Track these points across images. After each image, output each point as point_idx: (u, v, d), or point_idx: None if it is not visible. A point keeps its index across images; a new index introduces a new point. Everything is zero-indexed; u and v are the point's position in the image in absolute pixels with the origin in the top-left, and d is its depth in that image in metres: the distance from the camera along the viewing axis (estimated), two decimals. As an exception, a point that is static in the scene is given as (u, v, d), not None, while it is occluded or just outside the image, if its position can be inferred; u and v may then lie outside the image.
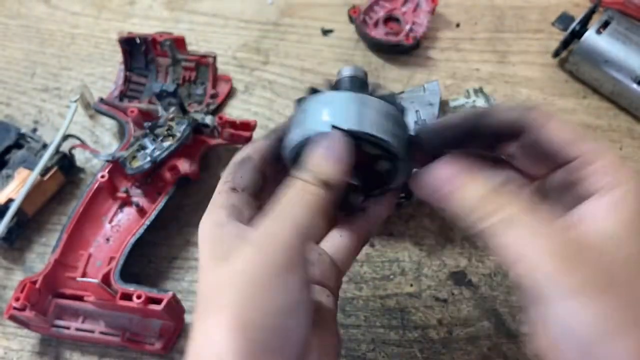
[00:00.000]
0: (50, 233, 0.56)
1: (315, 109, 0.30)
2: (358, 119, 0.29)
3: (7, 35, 0.71)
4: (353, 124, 0.29)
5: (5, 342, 0.51)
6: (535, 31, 0.69)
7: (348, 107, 0.30)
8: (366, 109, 0.29)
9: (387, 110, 0.30)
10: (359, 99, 0.30)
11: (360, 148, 0.30)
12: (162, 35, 0.61)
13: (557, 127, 0.28)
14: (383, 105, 0.30)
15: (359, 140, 0.29)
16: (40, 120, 0.63)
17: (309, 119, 0.30)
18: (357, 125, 0.29)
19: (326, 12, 0.72)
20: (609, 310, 0.23)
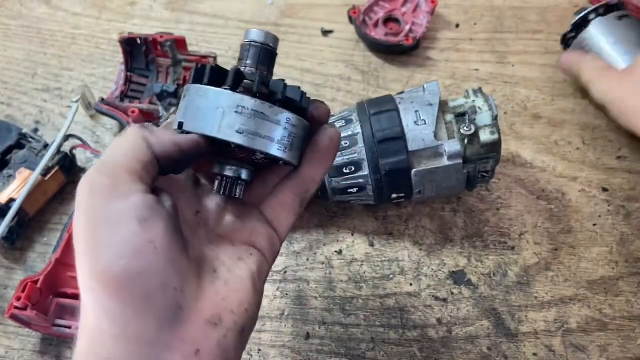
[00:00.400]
0: (51, 233, 0.56)
1: (188, 106, 0.31)
2: (217, 124, 0.30)
3: (9, 35, 0.71)
4: (212, 130, 0.30)
5: (7, 341, 0.51)
6: (534, 32, 0.69)
7: (212, 112, 0.30)
8: (230, 114, 0.30)
9: (256, 109, 0.30)
10: (229, 102, 0.30)
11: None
12: (163, 36, 0.62)
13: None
14: (252, 103, 0.30)
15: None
16: (42, 121, 0.64)
17: (180, 112, 0.31)
18: (216, 131, 0.30)
19: (326, 12, 0.72)
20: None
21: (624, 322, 0.51)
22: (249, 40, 0.34)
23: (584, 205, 0.57)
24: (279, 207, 0.35)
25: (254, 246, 0.33)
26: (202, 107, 0.30)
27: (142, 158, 0.29)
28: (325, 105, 0.34)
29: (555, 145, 0.61)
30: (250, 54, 0.33)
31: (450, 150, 0.47)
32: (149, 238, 0.27)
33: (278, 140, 0.31)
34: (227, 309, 0.29)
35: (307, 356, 0.50)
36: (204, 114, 0.30)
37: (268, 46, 0.34)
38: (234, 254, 0.32)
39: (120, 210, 0.27)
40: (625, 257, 0.54)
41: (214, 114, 0.30)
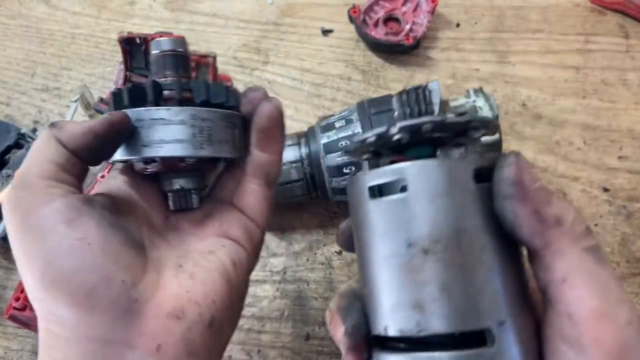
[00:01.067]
0: (50, 233, 0.56)
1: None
2: (124, 146, 0.30)
3: (7, 35, 0.71)
4: (123, 154, 0.30)
5: (5, 342, 0.51)
6: (535, 31, 0.69)
7: (147, 131, 0.30)
8: (135, 132, 0.30)
9: (153, 117, 0.30)
10: (133, 119, 0.30)
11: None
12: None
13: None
14: (148, 114, 0.30)
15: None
16: (40, 120, 0.63)
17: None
18: (121, 154, 0.31)
19: (326, 12, 0.72)
20: None
21: (626, 323, 0.51)
22: (159, 51, 0.32)
23: (585, 206, 0.57)
24: (247, 196, 0.34)
25: (228, 237, 0.33)
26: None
27: (55, 159, 0.28)
28: (258, 90, 0.33)
29: (556, 145, 0.60)
30: (166, 63, 0.32)
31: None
32: (79, 236, 0.26)
33: (188, 139, 0.30)
34: (191, 300, 0.28)
35: (307, 357, 0.50)
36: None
37: (179, 51, 0.33)
38: (204, 248, 0.32)
39: (43, 218, 0.27)
40: (627, 258, 0.54)
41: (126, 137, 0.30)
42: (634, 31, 0.69)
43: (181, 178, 0.33)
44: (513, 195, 0.23)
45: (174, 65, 0.32)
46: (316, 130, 0.51)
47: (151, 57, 0.33)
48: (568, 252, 0.23)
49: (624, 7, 0.69)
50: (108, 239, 0.27)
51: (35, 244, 0.27)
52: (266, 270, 0.54)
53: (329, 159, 0.50)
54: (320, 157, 0.50)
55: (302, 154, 0.51)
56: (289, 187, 0.52)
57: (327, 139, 0.50)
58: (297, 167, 0.51)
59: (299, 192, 0.52)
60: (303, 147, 0.51)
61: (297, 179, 0.51)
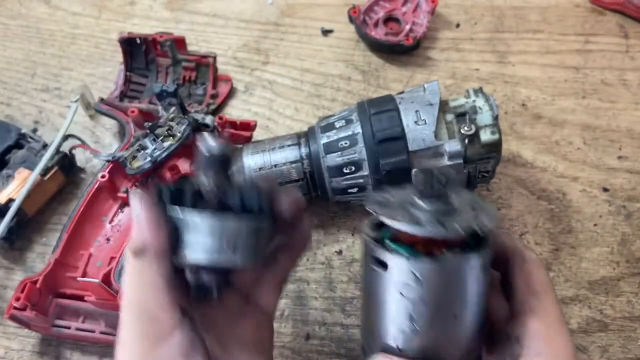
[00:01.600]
0: (50, 233, 0.56)
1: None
2: (204, 248, 0.31)
3: (8, 35, 0.71)
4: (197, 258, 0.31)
5: (6, 341, 0.51)
6: (534, 31, 0.69)
7: (196, 238, 0.31)
8: (202, 237, 0.30)
9: (223, 228, 0.31)
10: (209, 225, 0.30)
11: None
12: (163, 36, 0.61)
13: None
14: (220, 224, 0.31)
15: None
16: (41, 121, 0.64)
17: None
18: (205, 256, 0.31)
19: (326, 12, 0.72)
20: None
21: (625, 323, 0.51)
22: (207, 152, 0.33)
23: (584, 206, 0.57)
24: (264, 291, 0.37)
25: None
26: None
27: (161, 284, 0.30)
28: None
29: (556, 145, 0.61)
30: (210, 164, 0.33)
31: (451, 150, 0.47)
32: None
33: (216, 248, 0.30)
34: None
35: (307, 357, 0.50)
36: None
37: (225, 156, 0.34)
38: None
39: (166, 354, 0.29)
40: (626, 258, 0.54)
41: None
42: (633, 31, 0.69)
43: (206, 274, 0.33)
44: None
45: (216, 168, 0.33)
46: (316, 130, 0.52)
47: (198, 153, 0.33)
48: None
49: (623, 8, 0.69)
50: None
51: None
52: (266, 270, 0.54)
53: (329, 159, 0.50)
54: (320, 157, 0.50)
55: (302, 154, 0.51)
56: (289, 187, 0.52)
57: (327, 139, 0.50)
58: (297, 167, 0.51)
59: (299, 192, 0.52)
60: (303, 147, 0.51)
61: (297, 179, 0.51)
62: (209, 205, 0.31)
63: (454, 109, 0.50)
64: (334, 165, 0.50)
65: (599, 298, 0.52)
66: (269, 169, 0.51)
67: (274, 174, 0.51)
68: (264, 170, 0.51)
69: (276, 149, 0.52)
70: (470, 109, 0.49)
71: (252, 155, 0.52)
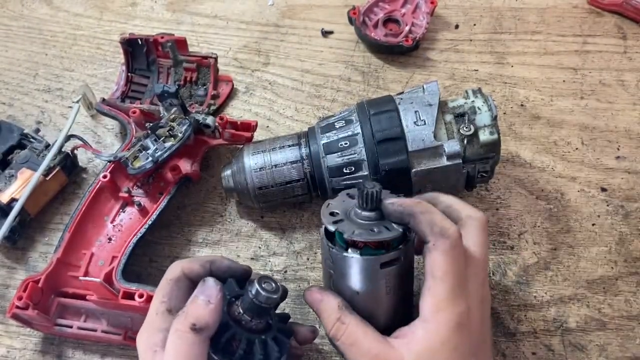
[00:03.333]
0: (52, 232, 0.57)
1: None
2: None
3: (10, 36, 0.71)
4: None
5: (8, 340, 0.51)
6: (533, 32, 0.70)
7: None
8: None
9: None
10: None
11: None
12: (164, 37, 0.62)
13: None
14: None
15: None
16: (43, 121, 0.64)
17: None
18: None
19: (326, 13, 0.72)
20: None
21: (623, 322, 0.51)
22: (255, 299, 0.39)
23: (582, 205, 0.57)
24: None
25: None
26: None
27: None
28: (310, 333, 0.44)
29: (554, 146, 0.61)
30: (254, 310, 0.40)
31: (450, 151, 0.48)
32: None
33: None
34: None
35: (307, 356, 0.50)
36: None
37: (267, 305, 0.39)
38: None
39: None
40: (624, 257, 0.54)
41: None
42: (631, 32, 0.69)
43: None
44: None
45: (258, 314, 0.40)
46: (316, 131, 0.52)
47: (247, 294, 0.40)
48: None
49: (621, 9, 0.70)
50: None
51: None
52: (267, 270, 0.54)
53: (329, 159, 0.50)
54: (320, 158, 0.51)
55: (303, 154, 0.51)
56: (289, 187, 0.52)
57: (327, 139, 0.51)
58: (297, 168, 0.51)
59: (299, 192, 0.53)
60: (303, 148, 0.52)
61: (297, 179, 0.52)
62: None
63: (453, 110, 0.50)
64: (334, 166, 0.50)
65: (597, 297, 0.52)
66: (270, 169, 0.52)
67: (274, 174, 0.52)
68: (264, 171, 0.52)
69: (276, 149, 0.52)
70: (469, 109, 0.49)
71: (253, 155, 0.53)
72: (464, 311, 0.37)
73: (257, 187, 0.52)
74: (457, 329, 0.37)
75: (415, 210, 0.39)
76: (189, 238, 0.56)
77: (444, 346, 0.37)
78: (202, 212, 0.58)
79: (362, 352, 0.38)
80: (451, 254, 0.38)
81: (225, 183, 0.54)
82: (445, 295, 0.37)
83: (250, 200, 0.54)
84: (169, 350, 0.36)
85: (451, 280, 0.37)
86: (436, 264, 0.38)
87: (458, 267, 0.38)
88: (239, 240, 0.56)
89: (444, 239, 0.38)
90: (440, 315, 0.37)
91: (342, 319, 0.40)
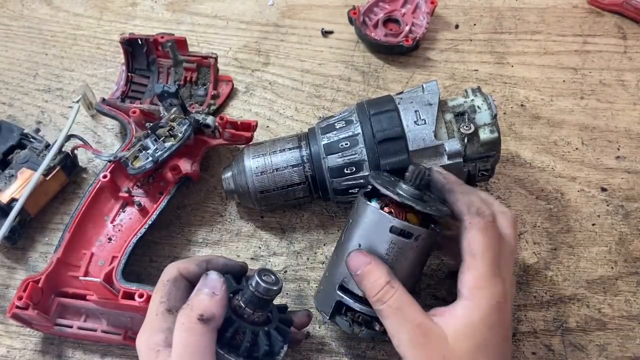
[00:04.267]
0: (52, 232, 0.57)
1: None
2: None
3: (10, 36, 0.71)
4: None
5: (8, 340, 0.51)
6: (533, 32, 0.70)
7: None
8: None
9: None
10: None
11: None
12: (164, 37, 0.62)
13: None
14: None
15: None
16: (43, 121, 0.64)
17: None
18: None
19: (326, 13, 0.72)
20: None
21: (623, 322, 0.51)
22: (256, 292, 0.40)
23: (582, 205, 0.57)
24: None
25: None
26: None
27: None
28: (304, 318, 0.46)
29: (554, 145, 0.61)
30: (254, 302, 0.40)
31: (451, 149, 0.48)
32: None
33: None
34: None
35: (307, 355, 0.50)
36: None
37: (268, 297, 0.40)
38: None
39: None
40: (624, 257, 0.54)
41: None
42: (631, 32, 0.69)
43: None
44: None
45: (260, 306, 0.40)
46: (316, 132, 0.52)
47: (248, 287, 0.40)
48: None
49: (621, 9, 0.70)
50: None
51: None
52: (267, 270, 0.54)
53: (330, 160, 0.50)
54: (321, 159, 0.51)
55: (303, 157, 0.51)
56: (290, 190, 0.52)
57: (327, 140, 0.50)
58: (298, 171, 0.51)
59: (300, 195, 0.53)
60: (304, 149, 0.52)
61: (298, 182, 0.52)
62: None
63: (452, 109, 0.50)
64: (335, 166, 0.50)
65: (597, 297, 0.52)
66: (271, 172, 0.52)
67: (275, 178, 0.52)
68: (265, 175, 0.52)
69: (277, 152, 0.52)
70: (469, 108, 0.49)
71: (254, 158, 0.53)
72: (502, 291, 0.38)
73: (259, 190, 0.52)
74: (496, 307, 0.38)
75: (456, 188, 0.41)
76: (189, 238, 0.56)
77: (482, 323, 0.38)
78: (202, 212, 0.58)
79: (407, 318, 0.39)
80: (488, 233, 0.39)
81: (226, 185, 0.54)
82: (485, 271, 0.38)
83: (252, 203, 0.54)
84: (177, 345, 0.36)
85: (490, 257, 0.38)
86: (475, 241, 0.39)
87: (495, 245, 0.39)
88: (239, 240, 0.56)
89: (480, 218, 0.39)
90: (480, 292, 0.38)
91: (392, 283, 0.40)
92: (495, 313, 0.38)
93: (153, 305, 0.40)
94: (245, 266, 0.45)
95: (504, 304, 0.38)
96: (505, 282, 0.39)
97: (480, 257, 0.38)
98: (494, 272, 0.38)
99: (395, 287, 0.40)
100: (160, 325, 0.39)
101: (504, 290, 0.38)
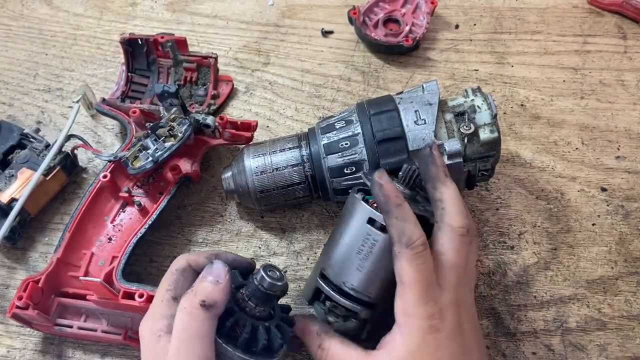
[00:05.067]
0: (52, 232, 0.57)
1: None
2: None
3: (10, 36, 0.71)
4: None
5: (9, 340, 0.51)
6: (533, 32, 0.70)
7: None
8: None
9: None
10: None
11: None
12: (164, 37, 0.62)
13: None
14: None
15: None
16: (43, 121, 0.64)
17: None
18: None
19: (326, 13, 0.72)
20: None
21: (623, 322, 0.51)
22: (260, 286, 0.40)
23: (583, 205, 0.57)
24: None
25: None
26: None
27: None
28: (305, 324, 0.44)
29: (554, 145, 0.61)
30: (258, 296, 0.40)
31: (451, 149, 0.48)
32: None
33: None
34: None
35: (308, 355, 0.50)
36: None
37: (273, 292, 0.40)
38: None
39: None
40: (624, 257, 0.54)
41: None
42: (631, 32, 0.69)
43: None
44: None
45: (263, 301, 0.41)
46: (316, 132, 0.52)
47: (253, 281, 0.40)
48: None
49: (621, 9, 0.70)
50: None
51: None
52: (267, 270, 0.54)
53: (330, 160, 0.50)
54: (321, 159, 0.51)
55: (303, 156, 0.51)
56: (290, 190, 0.52)
57: (327, 140, 0.50)
58: (298, 171, 0.51)
59: (300, 194, 0.53)
60: (304, 149, 0.52)
61: (298, 181, 0.52)
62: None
63: (452, 109, 0.50)
64: (335, 166, 0.50)
65: (597, 297, 0.52)
66: (271, 172, 0.52)
67: (275, 178, 0.52)
68: (265, 174, 0.52)
69: (277, 152, 0.52)
70: (469, 108, 0.49)
71: (254, 158, 0.53)
72: (434, 314, 0.38)
73: (259, 190, 0.52)
74: (430, 331, 0.38)
75: (393, 211, 0.39)
76: (189, 238, 0.56)
77: (421, 350, 0.38)
78: (202, 212, 0.58)
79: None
80: (415, 263, 0.38)
81: (226, 185, 0.54)
82: (414, 300, 0.38)
83: (252, 203, 0.54)
84: (177, 328, 0.37)
85: (418, 286, 0.38)
86: (403, 271, 0.39)
87: (423, 274, 0.39)
88: (239, 240, 0.56)
89: (409, 249, 0.38)
90: (410, 319, 0.38)
91: (322, 345, 0.41)
92: (431, 338, 0.38)
93: (159, 293, 0.41)
94: (253, 263, 0.46)
95: (441, 326, 0.38)
96: (440, 302, 0.39)
97: (408, 286, 0.38)
98: (423, 298, 0.38)
99: (326, 347, 0.41)
100: (164, 312, 0.39)
101: (437, 312, 0.38)
